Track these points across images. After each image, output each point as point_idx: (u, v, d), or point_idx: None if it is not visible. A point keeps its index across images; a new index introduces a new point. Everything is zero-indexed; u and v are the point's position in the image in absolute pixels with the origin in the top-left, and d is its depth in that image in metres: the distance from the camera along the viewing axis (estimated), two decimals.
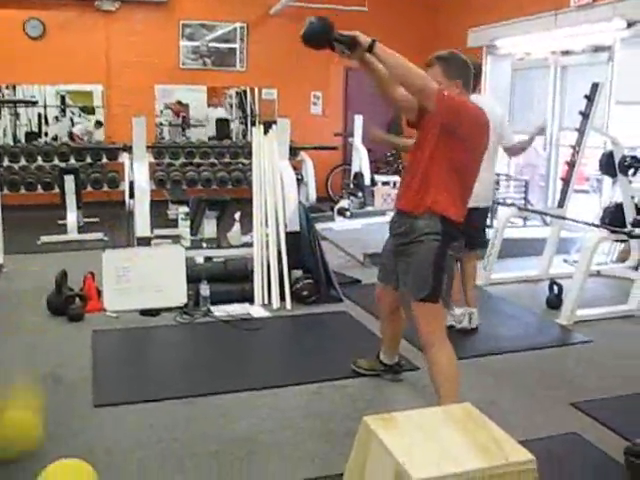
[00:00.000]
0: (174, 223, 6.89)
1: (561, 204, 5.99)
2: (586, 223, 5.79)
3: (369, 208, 8.55)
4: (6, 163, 9.26)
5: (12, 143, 10.09)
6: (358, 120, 9.08)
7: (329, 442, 3.14)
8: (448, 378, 3.18)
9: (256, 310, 5.13)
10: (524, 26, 8.80)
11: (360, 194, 8.57)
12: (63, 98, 10.63)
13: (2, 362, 4.11)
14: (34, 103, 10.05)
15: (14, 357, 4.22)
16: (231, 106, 11.35)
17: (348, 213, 7.85)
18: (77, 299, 5.01)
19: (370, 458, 2.28)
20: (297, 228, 5.44)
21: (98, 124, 10.48)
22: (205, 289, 5.04)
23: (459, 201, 3.18)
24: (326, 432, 3.25)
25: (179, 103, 10.91)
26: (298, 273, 5.35)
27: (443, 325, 3.32)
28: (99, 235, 7.85)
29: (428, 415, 2.50)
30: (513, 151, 5.05)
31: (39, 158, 9.72)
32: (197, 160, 10.23)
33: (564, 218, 5.93)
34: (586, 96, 5.87)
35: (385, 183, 9.03)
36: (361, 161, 8.92)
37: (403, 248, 3.24)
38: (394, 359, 3.86)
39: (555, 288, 5.38)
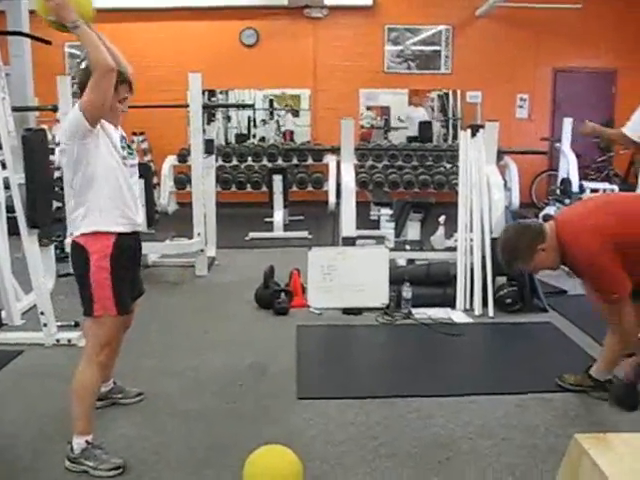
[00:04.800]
0: (375, 224, 6.95)
1: None
2: None
3: None
4: (219, 163, 9.78)
5: (224, 144, 10.72)
6: (567, 123, 8.66)
7: (531, 456, 3.00)
8: None
9: (457, 315, 5.05)
10: None
11: (567, 201, 8.17)
12: (271, 102, 11.16)
13: (213, 347, 4.37)
14: (250, 106, 10.62)
15: (224, 344, 4.47)
16: (432, 109, 11.31)
17: None
18: (283, 294, 5.18)
19: (582, 478, 2.13)
20: None
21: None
22: (407, 291, 5.03)
23: None
24: (528, 446, 3.10)
25: (381, 107, 11.06)
26: (502, 280, 5.20)
27: None
28: (304, 233, 8.12)
29: None
30: None
31: (249, 158, 10.24)
32: (399, 163, 10.29)
33: None
34: None
35: (594, 190, 8.53)
36: (569, 167, 8.50)
37: None
38: (607, 376, 3.61)
39: None
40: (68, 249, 3.01)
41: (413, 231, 5.93)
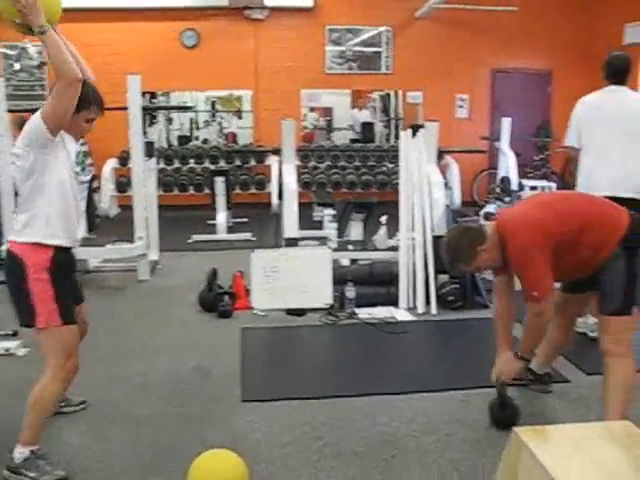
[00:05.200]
0: (318, 225, 6.98)
1: None
2: None
3: None
4: (161, 165, 9.68)
5: (166, 146, 10.61)
6: (506, 123, 8.84)
7: (474, 451, 3.06)
8: (622, 391, 2.98)
9: (401, 314, 5.10)
10: None
11: (507, 199, 8.34)
12: (213, 103, 11.09)
13: (157, 351, 4.33)
14: (190, 108, 10.53)
15: (168, 348, 4.43)
16: (374, 109, 11.41)
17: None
18: (226, 297, 5.16)
19: (521, 471, 2.19)
20: (444, 232, 5.34)
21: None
22: (350, 291, 5.06)
23: None
24: (471, 441, 3.16)
25: (324, 108, 11.12)
26: (444, 278, 5.26)
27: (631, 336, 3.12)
28: (247, 235, 8.11)
29: (583, 430, 2.38)
30: None
31: (191, 161, 10.15)
32: (342, 163, 10.34)
33: None
34: None
35: (533, 188, 8.72)
36: (508, 165, 8.68)
37: None
38: (546, 369, 3.71)
39: None
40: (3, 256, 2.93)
41: (356, 231, 5.96)
